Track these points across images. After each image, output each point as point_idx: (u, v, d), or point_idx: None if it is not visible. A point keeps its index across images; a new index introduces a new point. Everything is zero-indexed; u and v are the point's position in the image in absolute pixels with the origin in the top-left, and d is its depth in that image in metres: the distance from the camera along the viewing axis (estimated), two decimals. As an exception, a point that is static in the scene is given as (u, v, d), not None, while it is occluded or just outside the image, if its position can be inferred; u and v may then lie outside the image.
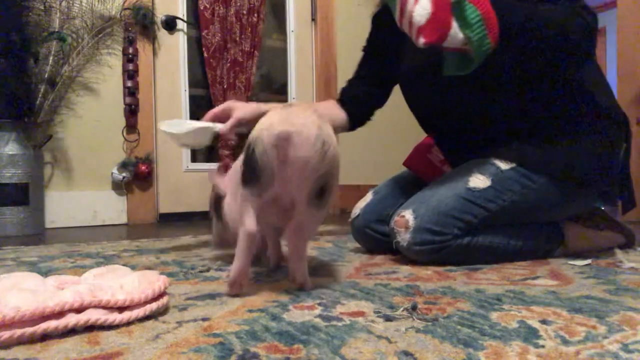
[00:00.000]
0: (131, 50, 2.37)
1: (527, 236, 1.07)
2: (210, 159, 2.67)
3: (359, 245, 1.28)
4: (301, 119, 0.71)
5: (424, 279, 0.87)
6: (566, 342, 0.52)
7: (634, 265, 0.98)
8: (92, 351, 0.51)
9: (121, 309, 0.60)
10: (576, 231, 1.13)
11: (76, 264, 1.08)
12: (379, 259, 1.12)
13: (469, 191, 1.02)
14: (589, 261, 1.02)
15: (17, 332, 0.52)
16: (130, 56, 2.37)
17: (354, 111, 1.34)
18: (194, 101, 2.63)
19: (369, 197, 1.25)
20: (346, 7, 3.05)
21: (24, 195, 1.94)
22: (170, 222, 2.43)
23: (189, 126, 1.09)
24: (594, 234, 1.15)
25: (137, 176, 2.37)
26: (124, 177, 2.32)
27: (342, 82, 2.94)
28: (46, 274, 0.89)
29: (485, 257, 1.03)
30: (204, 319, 0.62)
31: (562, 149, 1.03)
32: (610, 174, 1.06)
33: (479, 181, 1.03)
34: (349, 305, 0.68)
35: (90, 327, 0.57)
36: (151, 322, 0.61)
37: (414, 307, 0.63)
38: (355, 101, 1.34)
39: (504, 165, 1.04)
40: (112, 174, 2.33)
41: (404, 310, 0.63)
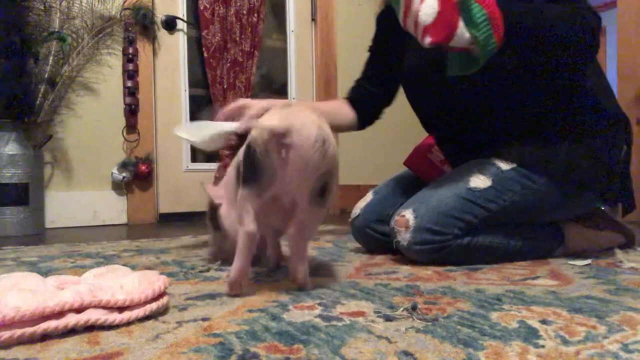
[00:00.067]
0: (131, 50, 2.37)
1: (527, 236, 1.07)
2: (210, 159, 2.67)
3: (359, 245, 1.28)
4: (301, 119, 0.71)
5: (424, 279, 0.87)
6: (566, 342, 0.52)
7: (634, 265, 0.98)
8: (92, 351, 0.51)
9: (121, 309, 0.60)
10: (576, 231, 1.13)
11: (76, 264, 1.08)
12: (379, 259, 1.12)
13: (470, 191, 1.02)
14: (589, 261, 1.02)
15: (17, 332, 0.52)
16: (130, 56, 2.37)
17: (363, 110, 1.34)
18: (194, 101, 2.63)
19: (369, 197, 1.25)
20: (346, 7, 3.05)
21: (24, 195, 1.94)
22: (170, 222, 2.43)
23: (205, 131, 1.07)
24: (594, 234, 1.15)
25: (137, 176, 2.37)
26: (124, 177, 2.32)
27: (342, 82, 3.00)
28: (46, 274, 0.89)
29: (485, 257, 1.03)
30: (204, 319, 0.62)
31: (563, 150, 1.03)
32: (610, 176, 1.06)
33: (480, 181, 1.03)
34: (349, 305, 0.68)
35: (90, 327, 0.57)
36: (151, 322, 0.61)
37: (414, 307, 0.63)
38: (363, 100, 1.34)
39: (505, 165, 1.04)
40: (112, 174, 2.33)
41: (404, 310, 0.63)
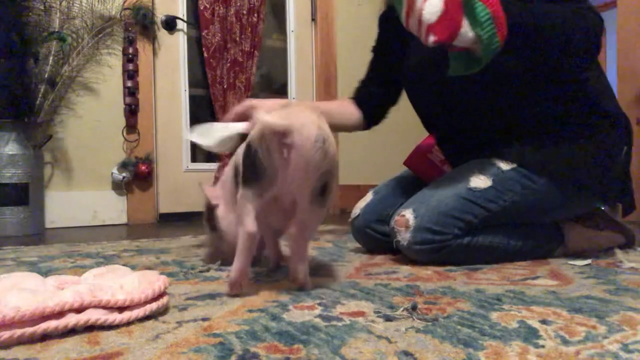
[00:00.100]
0: (131, 50, 2.37)
1: (527, 236, 1.07)
2: (210, 159, 2.67)
3: (359, 245, 1.28)
4: (302, 118, 0.71)
5: (424, 279, 0.87)
6: (566, 342, 0.52)
7: (634, 265, 0.98)
8: (92, 351, 0.51)
9: (121, 309, 0.60)
10: (576, 231, 1.13)
11: (76, 264, 1.08)
12: (379, 259, 1.12)
13: (470, 191, 1.02)
14: (589, 261, 1.02)
15: (17, 332, 0.52)
16: (130, 56, 2.37)
17: (369, 110, 1.34)
18: (194, 101, 2.63)
19: (369, 197, 1.25)
20: (346, 7, 3.05)
21: (24, 195, 1.94)
22: (170, 222, 2.43)
23: (216, 134, 1.08)
24: (594, 234, 1.15)
25: (137, 176, 2.37)
26: (124, 177, 2.32)
27: (342, 82, 3.00)
28: (46, 274, 0.89)
29: (485, 257, 1.03)
30: (204, 319, 0.62)
31: (563, 151, 1.03)
32: (610, 177, 1.06)
33: (480, 181, 1.03)
34: (349, 305, 0.68)
35: (90, 327, 0.57)
36: (151, 322, 0.61)
37: (414, 307, 0.63)
38: (369, 100, 1.34)
39: (505, 165, 1.04)
40: (112, 174, 2.33)
41: (404, 310, 0.63)
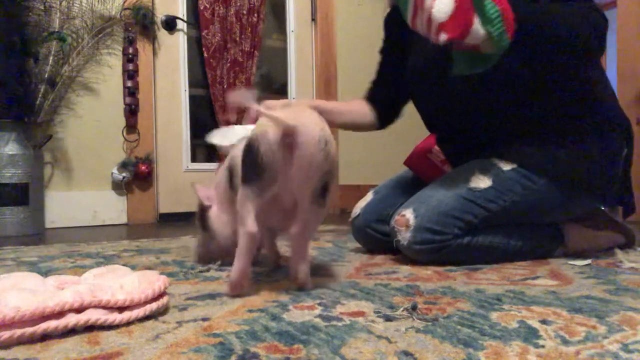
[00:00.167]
0: (131, 50, 2.37)
1: (527, 236, 1.07)
2: (210, 159, 2.67)
3: (359, 245, 1.28)
4: (305, 118, 0.71)
5: (424, 279, 0.87)
6: (566, 342, 0.52)
7: (634, 265, 0.98)
8: (92, 351, 0.51)
9: (121, 309, 0.60)
10: (576, 231, 1.13)
11: (76, 264, 1.08)
12: (379, 259, 1.12)
13: (470, 191, 1.02)
14: (589, 261, 1.02)
15: (17, 332, 0.52)
16: (130, 56, 2.37)
17: (383, 110, 1.33)
18: (194, 101, 2.63)
19: (369, 196, 1.25)
20: (346, 7, 3.05)
21: (24, 195, 1.94)
22: (170, 222, 2.43)
23: (237, 136, 1.09)
24: (594, 234, 1.15)
25: (137, 176, 2.37)
26: (124, 177, 2.32)
27: (342, 82, 3.00)
28: (46, 274, 0.89)
29: (485, 257, 1.03)
30: (204, 319, 0.62)
31: (563, 151, 1.03)
32: (610, 178, 1.06)
33: (480, 181, 1.03)
34: (349, 305, 0.68)
35: (90, 327, 0.57)
36: (151, 322, 0.61)
37: (414, 307, 0.63)
38: (381, 100, 1.33)
39: (505, 165, 1.04)
40: (112, 174, 2.33)
41: (404, 310, 0.63)
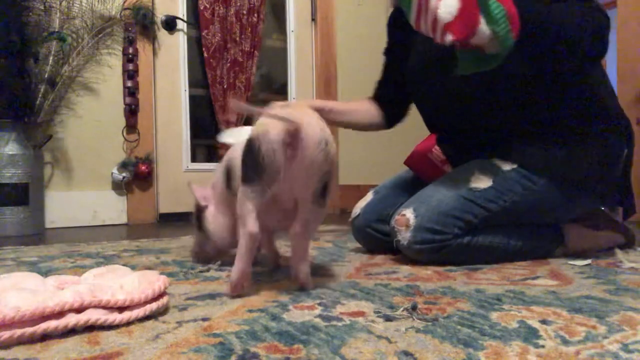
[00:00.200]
0: (131, 50, 2.37)
1: (527, 236, 1.07)
2: (210, 159, 2.67)
3: (359, 245, 1.28)
4: (306, 119, 0.71)
5: (424, 279, 0.87)
6: (566, 342, 0.52)
7: (634, 265, 0.98)
8: (92, 351, 0.51)
9: (121, 309, 0.60)
10: (576, 231, 1.13)
11: (76, 264, 1.08)
12: (379, 259, 1.12)
13: (470, 191, 1.02)
14: (589, 261, 1.02)
15: (17, 332, 0.52)
16: (130, 56, 2.37)
17: (389, 109, 1.33)
18: (194, 101, 2.63)
19: (369, 196, 1.25)
20: (346, 7, 3.05)
21: (24, 195, 1.94)
22: (170, 222, 2.43)
23: (246, 136, 1.08)
24: (594, 234, 1.15)
25: (137, 176, 2.37)
26: (124, 177, 2.32)
27: (342, 82, 3.00)
28: (46, 274, 0.89)
29: (485, 257, 1.03)
30: (204, 319, 0.62)
31: (564, 152, 1.03)
32: (610, 179, 1.06)
33: (480, 181, 1.03)
34: (349, 305, 0.68)
35: (90, 327, 0.57)
36: (151, 322, 0.61)
37: (414, 307, 0.63)
38: (388, 100, 1.33)
39: (505, 166, 1.04)
40: (112, 174, 2.33)
41: (404, 310, 0.63)
